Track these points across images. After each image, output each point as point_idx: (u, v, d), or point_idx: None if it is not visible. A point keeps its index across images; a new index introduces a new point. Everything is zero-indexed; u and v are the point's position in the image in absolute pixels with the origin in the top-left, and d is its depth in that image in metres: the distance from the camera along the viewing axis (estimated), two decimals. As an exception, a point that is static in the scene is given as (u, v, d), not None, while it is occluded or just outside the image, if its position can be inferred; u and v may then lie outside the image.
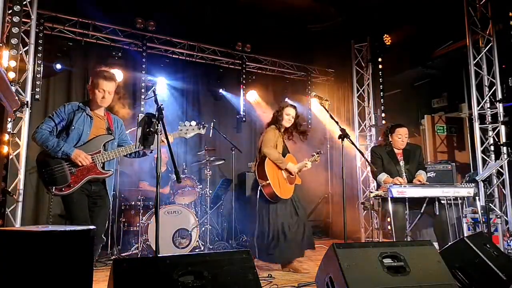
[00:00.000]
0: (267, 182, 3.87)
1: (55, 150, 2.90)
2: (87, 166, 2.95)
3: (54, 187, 2.87)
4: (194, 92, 6.94)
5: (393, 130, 4.30)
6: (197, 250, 5.03)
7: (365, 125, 7.07)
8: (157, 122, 2.65)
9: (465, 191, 3.80)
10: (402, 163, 4.26)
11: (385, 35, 6.49)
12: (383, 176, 4.13)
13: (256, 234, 3.98)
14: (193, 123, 3.24)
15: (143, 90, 6.01)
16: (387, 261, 2.40)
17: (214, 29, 6.55)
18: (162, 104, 2.71)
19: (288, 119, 4.14)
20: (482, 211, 4.36)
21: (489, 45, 5.21)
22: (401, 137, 4.25)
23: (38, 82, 5.07)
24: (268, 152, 3.96)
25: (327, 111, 3.59)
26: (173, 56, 6.58)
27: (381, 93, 6.73)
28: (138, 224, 4.96)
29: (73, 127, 2.98)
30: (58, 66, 5.54)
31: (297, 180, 4.19)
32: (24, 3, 4.50)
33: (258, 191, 3.95)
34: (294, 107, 4.23)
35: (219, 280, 2.01)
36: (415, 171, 4.25)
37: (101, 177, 3.05)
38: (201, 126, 3.25)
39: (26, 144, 4.56)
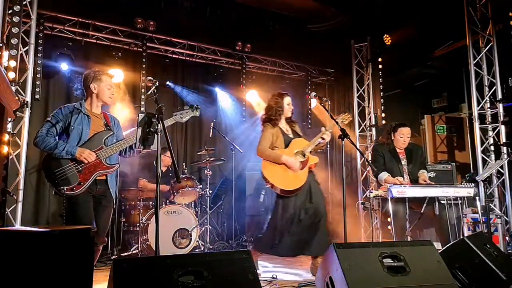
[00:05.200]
0: (270, 183, 3.75)
1: (59, 151, 2.93)
2: (93, 163, 3.00)
3: (65, 187, 2.89)
4: (194, 92, 6.94)
5: (396, 129, 4.31)
6: (197, 250, 5.03)
7: (365, 125, 7.06)
8: (157, 122, 2.65)
9: (465, 191, 3.79)
10: (404, 162, 4.26)
11: (385, 35, 6.48)
12: (384, 175, 4.12)
13: (265, 227, 3.84)
14: (186, 107, 3.24)
15: (143, 90, 6.01)
16: (387, 261, 2.40)
17: (214, 29, 6.55)
18: (162, 104, 2.72)
19: (289, 108, 3.97)
20: (482, 211, 4.36)
21: (489, 45, 5.21)
22: (403, 137, 4.25)
23: (38, 82, 5.07)
24: (260, 152, 3.82)
25: (327, 111, 3.58)
26: (173, 56, 6.58)
27: (381, 93, 6.73)
28: (138, 224, 4.96)
29: (72, 127, 3.02)
30: (64, 66, 5.56)
31: (311, 160, 3.79)
32: (24, 3, 4.50)
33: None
34: (287, 94, 4.07)
35: (219, 280, 2.01)
36: (417, 171, 4.25)
37: (109, 172, 3.09)
38: (195, 108, 3.23)
39: (26, 144, 4.56)
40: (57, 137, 3.04)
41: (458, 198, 3.81)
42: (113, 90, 3.24)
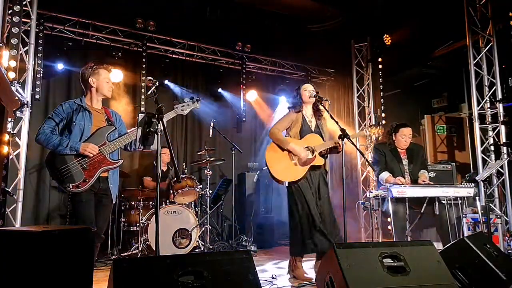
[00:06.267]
0: (267, 167, 3.67)
1: (62, 148, 2.92)
2: (97, 159, 2.98)
3: (70, 185, 2.89)
4: (194, 92, 6.93)
5: (397, 129, 4.31)
6: (197, 250, 5.03)
7: (365, 125, 7.06)
8: (157, 122, 2.65)
9: (465, 191, 3.80)
10: (405, 162, 4.26)
11: (385, 35, 6.49)
12: (385, 175, 4.12)
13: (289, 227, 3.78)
14: (187, 99, 3.22)
15: (143, 90, 6.01)
16: (387, 261, 2.40)
17: (214, 29, 6.55)
18: (162, 104, 2.72)
19: (307, 94, 3.84)
20: (482, 211, 4.36)
21: (489, 45, 5.21)
22: (404, 137, 4.25)
23: (38, 82, 5.07)
24: (270, 133, 3.76)
25: (327, 111, 3.58)
26: (173, 56, 6.58)
27: (381, 93, 6.73)
28: (138, 224, 4.96)
29: (74, 123, 3.01)
30: (60, 66, 5.56)
31: (317, 160, 3.68)
32: (24, 3, 4.50)
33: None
34: (311, 83, 4.00)
35: (219, 280, 2.01)
36: (418, 171, 4.25)
37: (113, 167, 3.08)
38: (195, 100, 3.22)
39: (26, 144, 4.56)
40: (58, 133, 3.02)
41: (458, 198, 3.81)
42: (111, 84, 3.24)
